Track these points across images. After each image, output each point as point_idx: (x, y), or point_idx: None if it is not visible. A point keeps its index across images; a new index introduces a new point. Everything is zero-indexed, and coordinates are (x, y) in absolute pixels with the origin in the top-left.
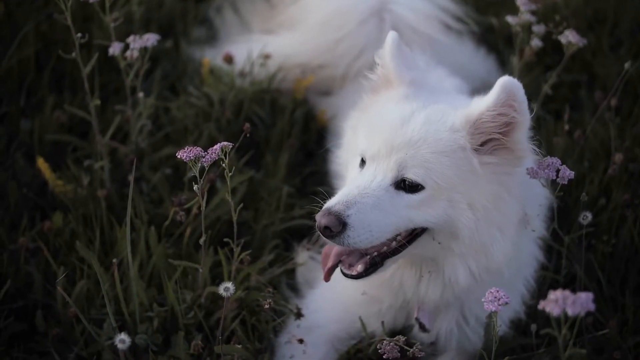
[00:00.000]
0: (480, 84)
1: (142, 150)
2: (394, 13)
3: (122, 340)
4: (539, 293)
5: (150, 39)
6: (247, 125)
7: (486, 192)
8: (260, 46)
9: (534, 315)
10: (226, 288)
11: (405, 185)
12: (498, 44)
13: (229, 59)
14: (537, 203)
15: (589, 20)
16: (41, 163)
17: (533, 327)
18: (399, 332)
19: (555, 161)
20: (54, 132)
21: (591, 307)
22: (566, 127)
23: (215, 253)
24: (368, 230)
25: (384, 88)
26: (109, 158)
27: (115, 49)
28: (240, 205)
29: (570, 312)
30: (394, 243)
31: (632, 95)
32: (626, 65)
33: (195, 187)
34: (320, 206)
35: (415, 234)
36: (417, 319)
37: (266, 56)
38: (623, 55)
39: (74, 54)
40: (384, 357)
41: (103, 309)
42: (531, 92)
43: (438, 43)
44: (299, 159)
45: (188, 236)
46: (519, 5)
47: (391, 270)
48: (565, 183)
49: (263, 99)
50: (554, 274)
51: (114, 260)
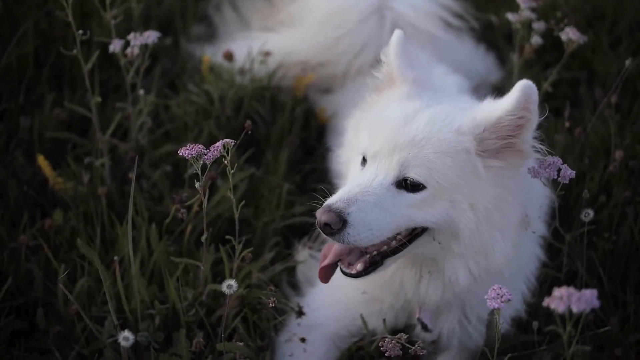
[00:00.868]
0: (480, 82)
1: (142, 148)
2: (395, 10)
3: (126, 337)
4: (540, 290)
5: (151, 36)
6: (249, 122)
7: (488, 194)
8: (260, 44)
9: (534, 313)
10: (229, 285)
11: (407, 185)
12: (497, 42)
13: (229, 56)
14: (538, 204)
15: (588, 18)
16: (41, 160)
17: (535, 325)
18: (401, 331)
19: (557, 160)
20: (53, 130)
21: (596, 304)
22: (567, 125)
23: (216, 250)
24: (368, 229)
25: (388, 87)
26: (109, 155)
27: (115, 46)
28: (242, 202)
29: (575, 309)
30: (394, 242)
31: (632, 93)
32: (627, 63)
33: (197, 185)
34: (321, 204)
35: (415, 234)
36: (419, 319)
37: (266, 53)
38: (622, 53)
39: (74, 51)
40: (385, 355)
41: (104, 306)
42: None
43: (438, 40)
44: (299, 156)
45: (189, 234)
46: (519, 3)
47: (391, 270)
48: (567, 182)
49: (263, 97)
50: (555, 271)
51: (116, 257)
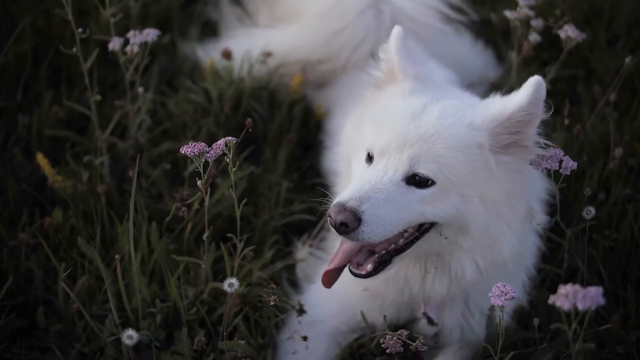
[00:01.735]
0: (478, 79)
1: (141, 146)
2: (393, 4)
3: (130, 336)
4: (541, 287)
5: (150, 34)
6: (250, 120)
7: (498, 189)
8: (258, 41)
9: (535, 309)
10: (230, 284)
11: (416, 181)
12: (495, 39)
13: (227, 55)
14: (538, 197)
15: (586, 15)
16: (41, 159)
17: (535, 322)
18: (402, 327)
19: (558, 152)
20: (52, 128)
21: (601, 302)
22: (566, 122)
23: (217, 249)
24: (382, 225)
25: (389, 83)
26: (108, 154)
27: (115, 44)
28: (244, 201)
29: (580, 307)
30: (402, 240)
31: (630, 90)
32: (627, 61)
33: (199, 183)
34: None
35: (423, 230)
36: (425, 313)
37: (267, 54)
38: (620, 50)
39: (74, 49)
40: (387, 352)
41: (104, 305)
42: None
43: (436, 36)
44: (297, 154)
45: (189, 232)
46: (518, 0)
47: (396, 267)
48: (568, 174)
49: (261, 95)
50: (555, 267)
51: (117, 256)
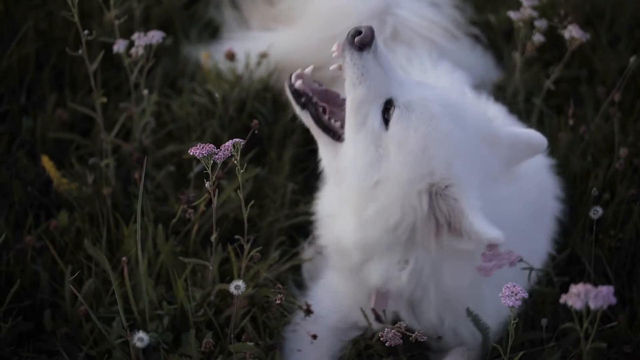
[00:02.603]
0: (480, 81)
1: (146, 148)
2: (399, 17)
3: (141, 338)
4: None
5: (155, 36)
6: (256, 121)
7: None
8: (260, 43)
9: (541, 309)
10: (237, 286)
11: None
12: (496, 41)
13: (230, 56)
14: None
15: (587, 16)
16: (46, 161)
17: (543, 322)
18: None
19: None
20: (56, 130)
21: (613, 301)
22: (571, 122)
23: (223, 250)
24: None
25: None
26: (114, 156)
27: (119, 46)
28: (251, 202)
29: (592, 306)
30: None
31: (634, 90)
32: (631, 61)
33: (207, 185)
34: None
35: None
36: (373, 310)
37: (263, 55)
38: (622, 51)
39: (80, 52)
40: (386, 345)
41: (111, 307)
42: (532, 88)
43: (437, 41)
44: (302, 155)
45: (195, 234)
46: (521, 1)
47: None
48: (515, 266)
49: (264, 97)
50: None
51: (124, 258)
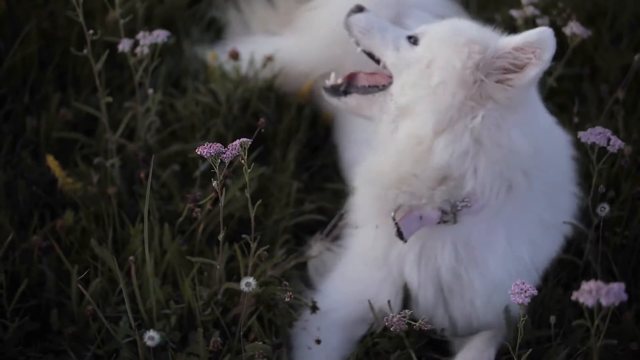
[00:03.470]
0: None
1: (151, 147)
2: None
3: (151, 337)
4: (554, 284)
5: (160, 35)
6: (262, 120)
7: None
8: (264, 47)
9: (548, 306)
10: (247, 283)
11: None
12: None
13: (234, 55)
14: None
15: (589, 14)
16: (51, 161)
17: (552, 319)
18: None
19: (606, 131)
20: (60, 130)
21: (624, 298)
22: (575, 120)
23: (228, 249)
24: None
25: None
26: (119, 156)
27: (124, 45)
28: (259, 201)
29: (604, 303)
30: None
31: (636, 88)
32: (636, 58)
33: (214, 184)
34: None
35: None
36: (394, 220)
37: (269, 58)
38: (623, 49)
39: (85, 51)
40: (391, 330)
41: (117, 307)
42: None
43: None
44: (306, 154)
45: (200, 233)
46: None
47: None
48: (616, 151)
49: (269, 96)
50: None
51: (131, 257)
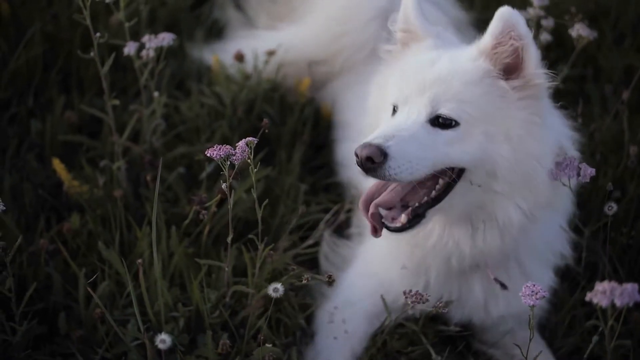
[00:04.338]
0: None
1: (156, 150)
2: None
3: (163, 340)
4: (561, 287)
5: (166, 38)
6: (266, 120)
7: (519, 119)
8: (265, 41)
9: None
10: (275, 289)
11: (440, 123)
12: None
13: (239, 57)
14: (565, 134)
15: (593, 14)
16: (57, 164)
17: None
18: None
19: (573, 160)
20: (65, 133)
21: (638, 298)
22: (579, 121)
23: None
24: (407, 161)
25: (413, 42)
26: (125, 159)
27: (130, 48)
28: (265, 201)
29: (618, 303)
30: (434, 192)
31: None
32: None
33: (223, 186)
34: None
35: (453, 179)
36: (496, 279)
37: (270, 53)
38: (627, 49)
39: (91, 54)
40: (409, 303)
41: (125, 310)
42: None
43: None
44: (310, 154)
45: (206, 235)
46: (532, 1)
47: (437, 233)
48: (587, 181)
49: (272, 98)
50: (574, 264)
51: (139, 260)
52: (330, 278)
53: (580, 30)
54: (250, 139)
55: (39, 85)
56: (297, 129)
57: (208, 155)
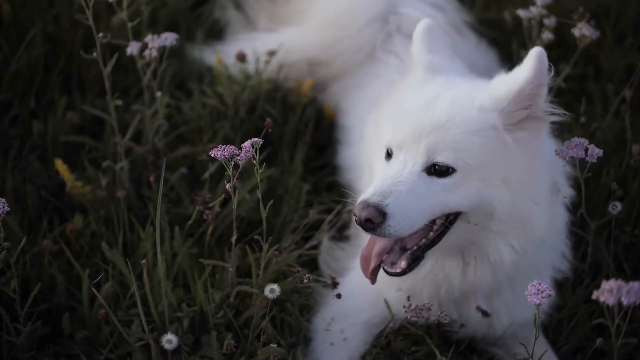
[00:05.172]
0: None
1: (158, 150)
2: (402, 15)
3: (169, 340)
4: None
5: (168, 38)
6: (269, 120)
7: (519, 166)
8: (265, 43)
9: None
10: (272, 290)
11: (437, 170)
12: (500, 38)
13: (241, 58)
14: (560, 170)
15: (593, 13)
16: (60, 165)
17: None
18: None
19: (583, 141)
20: (67, 134)
21: None
22: (582, 119)
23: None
24: (407, 217)
25: (410, 71)
26: (128, 159)
27: (133, 48)
28: (270, 201)
29: (625, 302)
30: (432, 233)
31: None
32: None
33: (227, 186)
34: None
35: (450, 220)
36: (478, 307)
37: (271, 53)
38: (627, 48)
39: (94, 54)
40: (409, 317)
41: (129, 310)
42: None
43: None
44: (312, 154)
45: (210, 235)
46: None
47: (430, 263)
48: (595, 161)
49: (274, 98)
50: (579, 262)
51: (143, 261)
52: (334, 280)
53: (583, 30)
54: (255, 139)
55: (40, 86)
56: (299, 129)
57: (212, 155)
